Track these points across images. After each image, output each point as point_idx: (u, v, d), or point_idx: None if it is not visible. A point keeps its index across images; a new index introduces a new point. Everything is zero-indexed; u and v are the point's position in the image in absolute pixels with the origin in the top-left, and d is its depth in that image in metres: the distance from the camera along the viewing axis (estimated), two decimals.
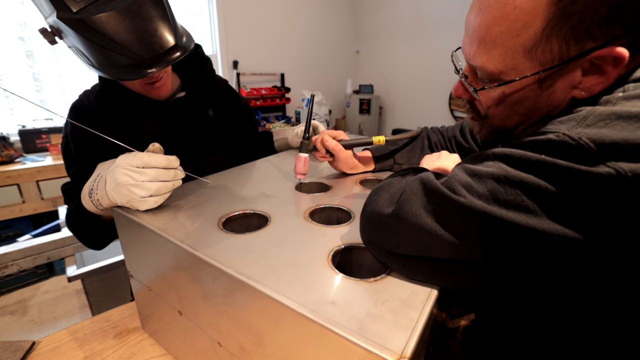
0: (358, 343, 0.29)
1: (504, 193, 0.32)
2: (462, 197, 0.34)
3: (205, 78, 0.89)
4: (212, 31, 3.18)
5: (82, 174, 0.73)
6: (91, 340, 0.62)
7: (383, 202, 0.42)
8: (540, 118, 0.43)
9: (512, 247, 0.32)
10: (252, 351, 0.41)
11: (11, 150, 2.18)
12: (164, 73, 0.75)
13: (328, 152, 0.74)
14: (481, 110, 0.47)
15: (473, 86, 0.44)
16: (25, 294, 2.03)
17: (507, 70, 0.39)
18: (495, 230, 0.32)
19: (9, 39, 2.28)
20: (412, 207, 0.38)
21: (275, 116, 3.72)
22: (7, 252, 1.49)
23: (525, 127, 0.45)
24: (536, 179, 0.31)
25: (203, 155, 0.86)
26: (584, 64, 0.36)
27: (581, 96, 0.38)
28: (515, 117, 0.44)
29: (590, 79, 0.37)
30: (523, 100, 0.42)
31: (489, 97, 0.44)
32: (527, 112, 0.43)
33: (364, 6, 4.23)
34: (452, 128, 0.81)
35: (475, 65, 0.42)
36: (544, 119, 0.42)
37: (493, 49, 0.39)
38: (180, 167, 0.58)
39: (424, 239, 0.36)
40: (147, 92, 0.76)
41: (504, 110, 0.44)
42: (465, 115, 0.54)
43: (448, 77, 3.52)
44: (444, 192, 0.36)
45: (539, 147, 0.33)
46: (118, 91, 0.77)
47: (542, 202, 0.31)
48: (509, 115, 0.44)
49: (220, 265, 0.41)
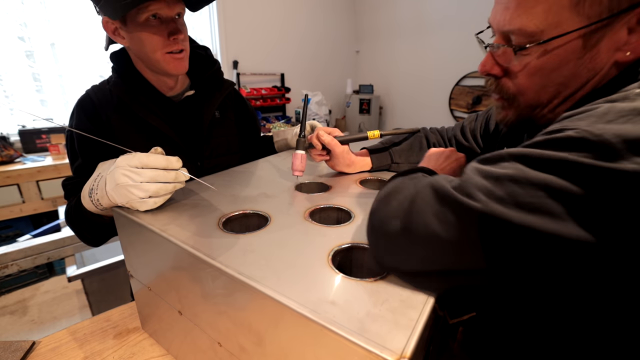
0: (358, 343, 0.29)
1: (525, 196, 0.30)
2: (479, 202, 0.32)
3: (213, 79, 0.90)
4: (212, 31, 3.18)
5: (84, 170, 0.73)
6: (91, 340, 0.62)
7: (391, 212, 0.39)
8: (577, 88, 0.41)
9: (528, 252, 0.30)
10: (252, 351, 0.41)
11: (11, 150, 2.18)
12: (185, 41, 0.76)
13: (324, 149, 0.74)
14: (511, 87, 0.45)
15: (513, 47, 0.41)
16: (25, 294, 2.03)
17: (550, 28, 0.37)
18: (514, 235, 0.30)
19: (9, 39, 2.28)
20: (424, 218, 0.35)
21: (275, 116, 3.72)
22: (7, 252, 1.49)
23: (559, 101, 0.43)
24: (559, 179, 0.29)
25: (207, 156, 0.86)
26: (631, 20, 0.35)
27: (626, 58, 0.37)
28: (550, 87, 0.42)
29: (637, 37, 0.36)
30: (563, 65, 0.39)
31: (525, 66, 0.42)
32: (564, 81, 0.41)
33: (364, 6, 4.23)
34: (451, 128, 0.81)
35: (512, 29, 0.40)
36: (580, 89, 0.41)
37: (535, 6, 0.37)
38: (184, 168, 0.58)
39: (436, 252, 0.34)
40: (167, 63, 0.74)
41: (539, 80, 0.42)
42: (464, 119, 0.54)
43: (448, 77, 3.51)
44: (459, 198, 0.33)
45: (558, 145, 0.31)
46: (133, 83, 0.78)
47: (566, 204, 0.29)
48: (545, 85, 0.42)
49: (220, 265, 0.41)
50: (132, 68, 0.80)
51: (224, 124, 0.92)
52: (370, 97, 3.93)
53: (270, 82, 3.68)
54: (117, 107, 0.77)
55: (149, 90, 0.80)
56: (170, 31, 0.71)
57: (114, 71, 0.79)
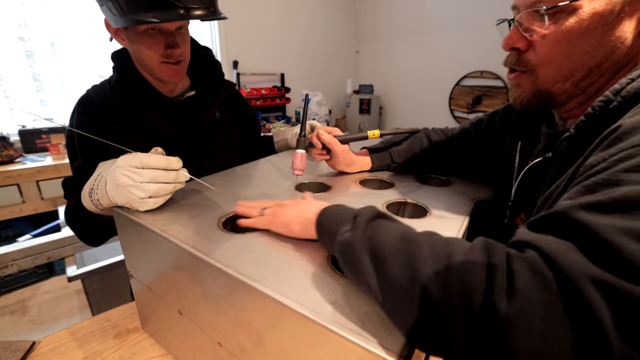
0: (358, 343, 0.29)
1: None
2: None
3: (214, 80, 0.90)
4: (212, 31, 3.18)
5: (84, 170, 0.73)
6: (91, 340, 0.62)
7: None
8: (602, 59, 0.41)
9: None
10: (252, 351, 0.41)
11: (11, 150, 2.18)
12: (183, 54, 0.75)
13: (324, 148, 0.74)
14: (532, 58, 0.45)
15: (544, 10, 0.41)
16: (25, 294, 2.03)
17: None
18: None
19: (9, 39, 2.28)
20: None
21: (275, 116, 3.72)
22: (7, 252, 1.49)
23: (583, 74, 0.43)
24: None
25: (208, 157, 0.86)
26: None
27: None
28: (575, 56, 0.42)
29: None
30: (590, 31, 0.40)
31: (552, 32, 0.42)
32: (590, 49, 0.41)
33: (364, 6, 4.23)
34: (453, 128, 0.81)
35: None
36: (606, 60, 0.41)
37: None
38: (185, 169, 0.58)
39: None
40: (162, 72, 0.76)
41: (565, 48, 0.42)
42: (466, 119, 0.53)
43: (448, 77, 3.51)
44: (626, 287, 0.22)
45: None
46: (134, 83, 0.78)
47: None
48: (569, 54, 0.42)
49: (220, 265, 0.41)
50: (133, 68, 0.80)
51: (225, 124, 0.92)
52: (370, 97, 3.93)
53: (270, 82, 3.68)
54: (118, 107, 0.77)
55: (150, 91, 0.80)
56: (167, 44, 0.72)
57: (115, 71, 0.79)
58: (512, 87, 0.50)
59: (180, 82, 0.86)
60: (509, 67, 0.50)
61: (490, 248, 0.28)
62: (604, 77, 0.43)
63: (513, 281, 0.25)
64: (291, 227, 0.46)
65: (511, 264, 0.26)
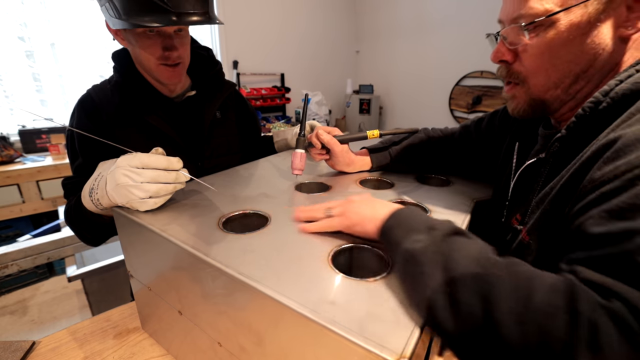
0: (358, 343, 0.29)
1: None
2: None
3: (214, 80, 0.90)
4: (212, 31, 3.18)
5: (84, 170, 0.73)
6: (91, 340, 0.62)
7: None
8: (587, 65, 0.43)
9: None
10: (252, 351, 0.41)
11: (11, 150, 2.18)
12: (181, 56, 0.75)
13: (324, 148, 0.74)
14: (522, 70, 0.47)
15: (523, 26, 0.44)
16: (25, 294, 2.03)
17: (556, 6, 0.41)
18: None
19: (9, 39, 2.28)
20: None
21: (275, 116, 3.72)
22: (7, 252, 1.49)
23: (571, 80, 0.45)
24: None
25: (208, 157, 0.86)
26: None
27: (628, 34, 0.40)
28: (560, 65, 0.44)
29: (636, 15, 0.39)
30: (570, 41, 0.42)
31: (534, 45, 0.44)
32: (573, 58, 0.43)
33: (364, 6, 4.23)
34: (453, 128, 0.81)
35: (522, 12, 0.43)
36: (591, 67, 0.43)
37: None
38: (185, 169, 0.58)
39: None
40: (160, 73, 0.76)
41: (549, 58, 0.44)
42: (466, 119, 0.54)
43: (448, 77, 3.51)
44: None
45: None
46: (134, 83, 0.78)
47: None
48: (554, 63, 0.44)
49: (220, 265, 0.41)
50: (133, 68, 0.80)
51: (225, 124, 0.92)
52: (370, 97, 3.93)
53: (270, 82, 3.68)
54: (118, 107, 0.77)
55: (150, 91, 0.80)
56: (165, 46, 0.72)
57: (116, 71, 0.79)
58: (509, 99, 0.52)
59: (180, 82, 0.86)
60: (502, 79, 0.52)
61: (574, 291, 0.27)
62: (591, 83, 0.45)
63: (597, 334, 0.24)
64: (365, 227, 0.44)
65: (596, 313, 0.25)
